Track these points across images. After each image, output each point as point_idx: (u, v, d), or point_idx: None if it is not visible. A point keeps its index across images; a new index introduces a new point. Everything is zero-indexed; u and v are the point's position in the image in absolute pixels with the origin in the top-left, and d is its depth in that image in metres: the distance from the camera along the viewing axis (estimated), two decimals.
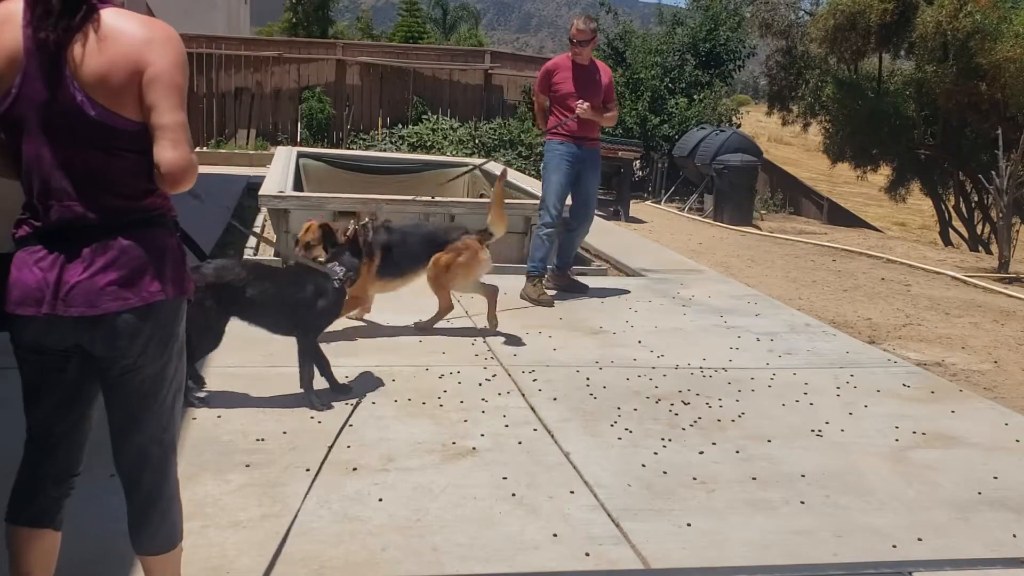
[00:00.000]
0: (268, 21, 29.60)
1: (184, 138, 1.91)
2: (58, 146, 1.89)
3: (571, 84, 6.09)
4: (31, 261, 1.93)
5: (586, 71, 6.18)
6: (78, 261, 1.91)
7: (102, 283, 1.91)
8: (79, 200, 1.92)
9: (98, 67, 1.86)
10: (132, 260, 1.94)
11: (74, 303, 1.90)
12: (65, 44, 1.86)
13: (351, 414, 3.82)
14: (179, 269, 2.04)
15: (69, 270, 1.91)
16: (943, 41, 12.64)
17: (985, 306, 7.03)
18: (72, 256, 1.91)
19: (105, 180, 1.93)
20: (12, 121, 1.90)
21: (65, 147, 1.89)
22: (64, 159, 1.90)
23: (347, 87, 16.86)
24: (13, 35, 1.87)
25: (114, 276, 1.92)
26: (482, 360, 4.71)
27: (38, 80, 1.87)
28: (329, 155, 11.16)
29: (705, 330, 5.57)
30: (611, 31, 16.00)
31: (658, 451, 3.62)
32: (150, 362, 2.01)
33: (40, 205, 1.93)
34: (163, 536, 2.17)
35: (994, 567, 2.89)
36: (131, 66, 1.87)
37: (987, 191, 11.19)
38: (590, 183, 6.26)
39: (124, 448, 2.10)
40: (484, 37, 40.66)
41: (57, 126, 1.89)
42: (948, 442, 3.92)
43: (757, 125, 24.13)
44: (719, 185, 11.85)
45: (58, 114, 1.88)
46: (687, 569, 2.78)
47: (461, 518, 2.97)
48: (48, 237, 1.93)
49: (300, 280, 3.96)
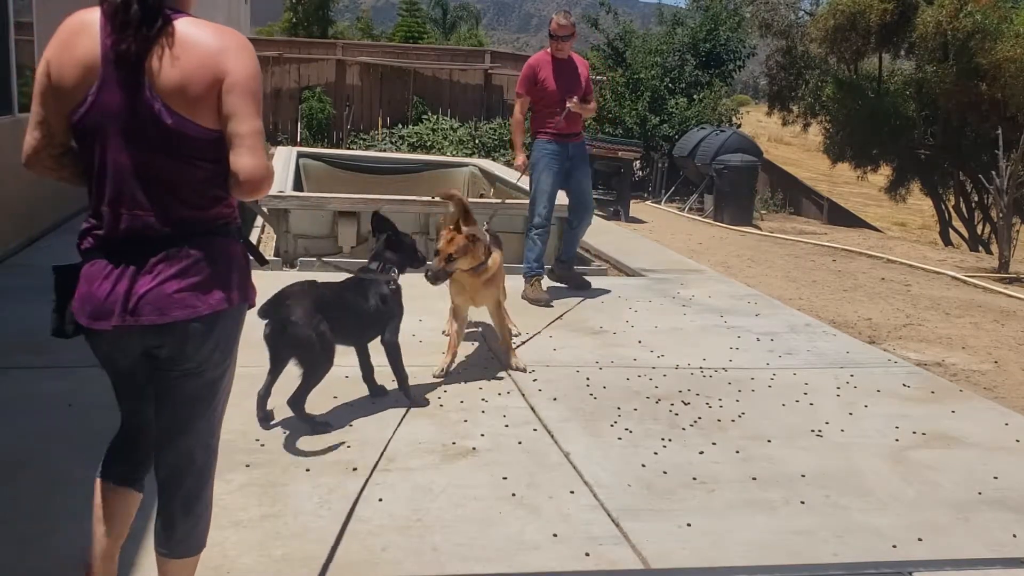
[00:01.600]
0: (268, 21, 29.59)
1: (261, 146, 1.93)
2: (134, 154, 1.91)
3: (553, 81, 6.08)
4: (101, 275, 1.95)
5: (567, 66, 6.18)
6: (147, 270, 1.94)
7: (171, 291, 1.94)
8: (152, 209, 1.94)
9: (176, 76, 1.88)
10: (201, 269, 1.96)
11: (143, 312, 1.93)
12: (144, 54, 1.88)
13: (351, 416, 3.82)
14: (244, 277, 2.08)
15: (139, 281, 1.93)
16: (943, 41, 12.65)
17: (985, 306, 7.04)
18: (141, 266, 1.94)
19: (178, 189, 1.95)
20: (86, 129, 1.93)
21: (141, 155, 1.91)
22: (139, 167, 1.92)
23: (347, 87, 16.87)
24: (90, 45, 1.90)
25: (183, 284, 1.94)
26: (482, 360, 4.71)
27: (116, 89, 1.89)
28: (329, 155, 11.17)
29: (705, 330, 5.57)
30: (611, 31, 16.00)
31: (658, 451, 3.62)
32: (212, 368, 2.06)
33: (110, 213, 1.95)
34: (193, 541, 2.19)
35: (994, 567, 2.89)
36: (209, 75, 1.89)
37: (987, 191, 11.20)
38: (582, 178, 6.25)
39: (170, 450, 2.13)
40: (484, 37, 40.64)
41: (134, 134, 1.90)
42: (948, 442, 3.92)
43: (757, 125, 24.13)
44: (719, 185, 11.85)
45: (136, 123, 1.90)
46: (687, 569, 2.78)
47: (461, 518, 2.97)
48: (116, 246, 1.95)
49: (368, 288, 3.90)
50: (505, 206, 6.89)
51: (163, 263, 1.93)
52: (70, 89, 1.90)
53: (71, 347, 4.56)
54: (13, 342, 4.55)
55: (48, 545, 2.66)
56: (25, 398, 3.82)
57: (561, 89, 6.06)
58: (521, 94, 6.25)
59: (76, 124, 1.93)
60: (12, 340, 4.57)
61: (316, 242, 6.92)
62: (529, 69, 6.19)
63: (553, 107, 6.06)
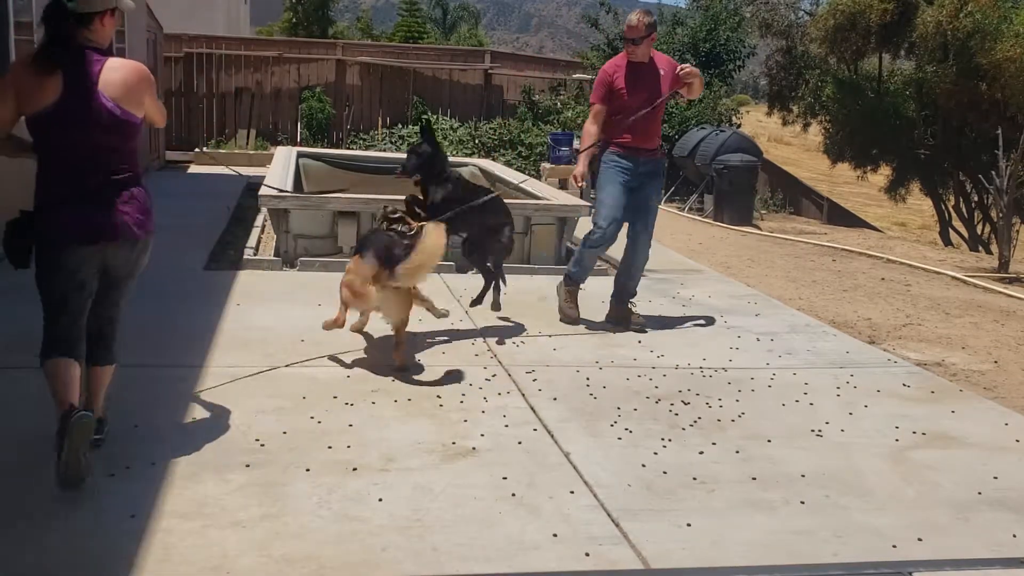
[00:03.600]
0: (268, 21, 29.60)
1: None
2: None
3: (626, 89, 5.35)
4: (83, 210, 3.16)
5: (646, 71, 5.41)
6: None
7: (133, 221, 3.21)
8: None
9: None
10: (145, 209, 3.28)
11: (125, 234, 3.19)
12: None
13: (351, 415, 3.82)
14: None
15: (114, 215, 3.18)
16: (943, 41, 12.65)
17: (985, 306, 7.04)
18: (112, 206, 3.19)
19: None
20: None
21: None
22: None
23: (347, 87, 16.87)
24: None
25: (140, 217, 3.24)
26: (482, 360, 4.71)
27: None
28: (329, 155, 11.17)
29: (705, 330, 5.57)
30: (611, 31, 16.00)
31: (658, 451, 3.62)
32: (140, 268, 3.36)
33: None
34: (112, 355, 3.41)
35: (994, 567, 2.88)
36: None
37: (987, 191, 11.20)
38: (648, 197, 5.57)
39: (105, 312, 3.35)
40: (484, 37, 40.68)
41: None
42: (948, 442, 3.92)
43: (757, 125, 24.14)
44: (719, 185, 11.85)
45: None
46: (687, 569, 2.78)
47: (461, 518, 2.97)
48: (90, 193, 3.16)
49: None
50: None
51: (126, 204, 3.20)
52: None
53: None
54: (13, 342, 4.54)
55: (47, 545, 2.66)
56: (25, 398, 3.81)
57: (636, 98, 5.33)
58: (594, 103, 5.50)
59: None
60: (12, 340, 4.57)
61: (316, 242, 6.92)
62: (604, 75, 5.48)
63: (626, 118, 5.34)
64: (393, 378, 4.31)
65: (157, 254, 3.44)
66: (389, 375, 4.35)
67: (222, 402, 3.86)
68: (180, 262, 6.57)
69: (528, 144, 15.44)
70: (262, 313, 5.31)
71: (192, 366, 4.29)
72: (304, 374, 4.31)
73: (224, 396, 3.93)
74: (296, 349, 4.69)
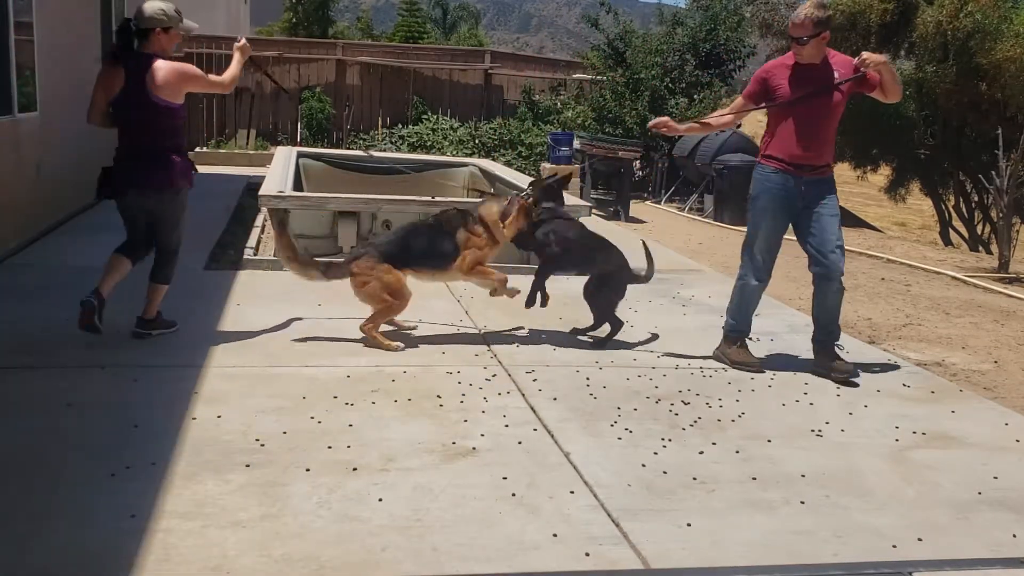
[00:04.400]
0: (268, 21, 29.60)
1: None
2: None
3: (789, 92, 4.58)
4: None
5: (814, 73, 4.56)
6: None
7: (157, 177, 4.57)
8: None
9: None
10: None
11: (149, 186, 4.54)
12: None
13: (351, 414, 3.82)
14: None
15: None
16: (943, 41, 12.63)
17: (985, 306, 7.03)
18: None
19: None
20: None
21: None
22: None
23: (347, 87, 16.85)
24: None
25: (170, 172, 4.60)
26: (482, 360, 4.71)
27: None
28: (329, 155, 11.17)
29: (705, 330, 5.56)
30: (611, 31, 15.99)
31: (658, 451, 3.62)
32: (169, 214, 4.68)
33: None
34: (165, 276, 4.75)
35: (994, 567, 2.89)
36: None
37: (987, 191, 11.19)
38: (820, 219, 4.63)
39: (157, 240, 4.74)
40: (484, 37, 40.66)
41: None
42: (948, 442, 3.92)
43: (757, 125, 24.09)
44: (719, 185, 11.85)
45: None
46: (687, 569, 2.78)
47: (461, 518, 2.97)
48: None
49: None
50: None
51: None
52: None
53: (70, 347, 4.58)
54: (13, 342, 4.55)
55: (47, 545, 2.66)
56: (24, 398, 3.82)
57: (801, 103, 4.55)
58: (742, 97, 4.84)
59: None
60: (12, 340, 4.58)
61: (316, 242, 6.92)
62: (762, 73, 4.74)
63: (786, 125, 4.61)
64: (394, 378, 4.31)
65: None
66: (389, 375, 4.36)
67: (222, 402, 3.86)
68: (180, 262, 6.56)
69: (528, 144, 15.43)
70: (262, 313, 5.31)
71: (192, 366, 4.29)
72: (304, 374, 4.31)
73: (224, 396, 3.93)
74: (296, 349, 4.69)
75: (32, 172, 7.11)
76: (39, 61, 7.22)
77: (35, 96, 7.18)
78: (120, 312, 5.23)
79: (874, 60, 4.45)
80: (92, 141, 8.26)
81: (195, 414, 3.72)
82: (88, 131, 4.90)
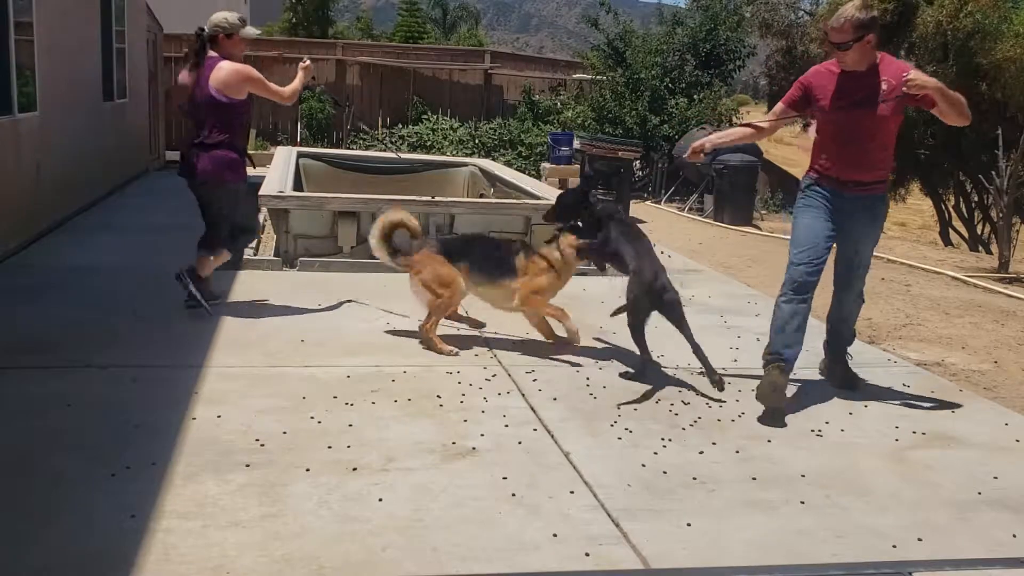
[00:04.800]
0: (268, 21, 29.59)
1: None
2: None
3: (830, 101, 4.21)
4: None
5: (861, 81, 4.13)
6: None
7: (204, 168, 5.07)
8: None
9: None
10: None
11: (197, 175, 5.09)
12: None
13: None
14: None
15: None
16: (943, 41, 12.64)
17: (985, 306, 7.03)
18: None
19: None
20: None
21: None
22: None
23: (347, 87, 16.86)
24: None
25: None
26: (482, 360, 4.71)
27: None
28: (329, 155, 11.17)
29: (705, 330, 5.56)
30: (611, 31, 16.00)
31: (658, 451, 3.62)
32: (215, 200, 5.18)
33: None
34: (203, 249, 5.34)
35: (994, 567, 2.88)
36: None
37: (987, 191, 11.19)
38: (855, 240, 4.32)
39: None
40: (484, 37, 40.68)
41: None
42: (948, 442, 3.92)
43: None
44: (719, 185, 11.85)
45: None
46: (687, 569, 2.77)
47: (461, 518, 2.97)
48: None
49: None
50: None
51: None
52: None
53: (71, 347, 4.58)
54: (13, 342, 4.55)
55: (48, 544, 2.66)
56: (25, 398, 3.82)
57: (841, 113, 4.18)
58: (783, 102, 4.50)
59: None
60: (12, 340, 4.58)
61: (316, 242, 6.92)
62: (805, 78, 4.37)
63: (828, 136, 4.31)
64: (394, 378, 4.31)
65: (157, 254, 3.44)
66: (389, 375, 4.36)
67: (222, 402, 3.86)
68: (180, 262, 6.56)
69: (528, 144, 15.44)
70: (262, 313, 5.31)
71: (192, 366, 4.29)
72: (304, 374, 4.31)
73: (224, 396, 3.93)
74: (296, 349, 4.69)
75: (32, 172, 7.11)
76: (39, 61, 7.22)
77: (35, 96, 7.18)
78: (120, 312, 5.23)
79: (919, 84, 3.96)
80: (92, 141, 8.24)
81: (195, 414, 3.72)
82: (88, 131, 4.91)
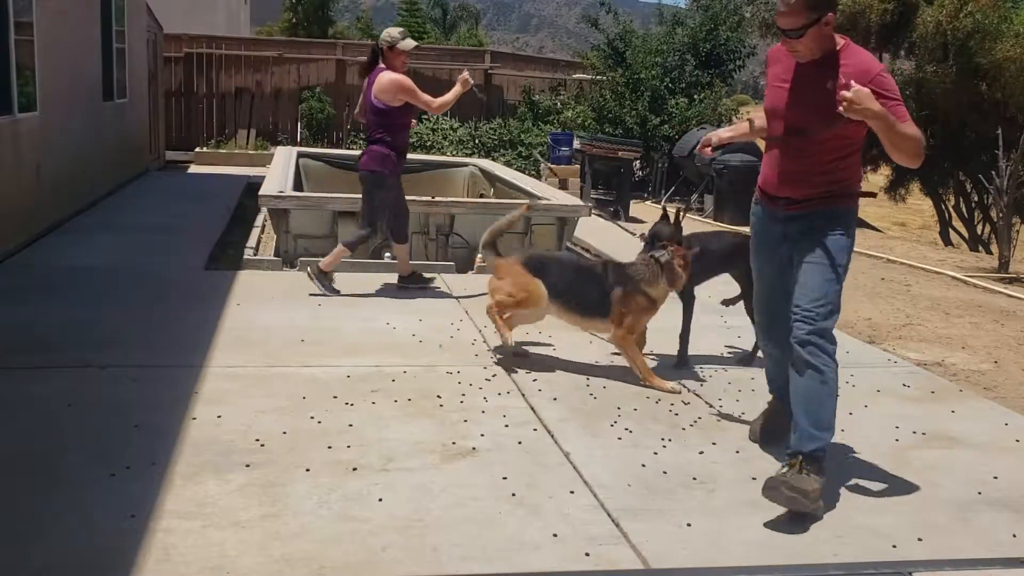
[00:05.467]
0: (268, 21, 29.62)
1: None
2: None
3: (773, 95, 3.41)
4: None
5: (811, 77, 3.25)
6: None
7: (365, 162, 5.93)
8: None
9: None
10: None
11: (361, 168, 5.98)
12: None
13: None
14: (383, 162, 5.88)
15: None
16: (943, 41, 12.63)
17: (985, 306, 7.04)
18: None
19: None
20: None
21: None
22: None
23: (347, 87, 16.86)
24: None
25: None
26: (482, 360, 4.71)
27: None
28: (329, 155, 11.17)
29: (705, 330, 5.56)
30: (611, 31, 16.00)
31: (658, 451, 3.62)
32: (371, 193, 5.95)
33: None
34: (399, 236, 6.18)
35: (994, 567, 2.88)
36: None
37: (987, 191, 11.19)
38: (801, 269, 3.50)
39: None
40: (484, 37, 40.69)
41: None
42: (948, 442, 3.92)
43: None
44: (719, 185, 11.86)
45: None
46: (687, 569, 2.78)
47: (461, 518, 2.96)
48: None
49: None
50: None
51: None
52: None
53: (71, 347, 4.58)
54: (13, 342, 4.55)
55: (48, 544, 2.66)
56: (25, 398, 3.82)
57: (780, 111, 3.38)
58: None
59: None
60: (12, 340, 4.57)
61: (316, 242, 6.92)
62: (769, 55, 3.54)
63: (769, 143, 3.57)
64: (394, 378, 4.31)
65: (157, 254, 3.44)
66: (389, 375, 4.36)
67: (222, 402, 3.86)
68: (180, 262, 6.58)
69: (528, 144, 15.43)
70: (262, 313, 5.31)
71: (192, 366, 4.29)
72: (304, 374, 4.31)
73: (224, 396, 3.93)
74: (296, 349, 4.69)
75: (32, 172, 7.11)
76: (39, 61, 7.22)
77: (35, 96, 7.18)
78: (120, 312, 5.22)
79: (855, 107, 2.97)
80: (92, 141, 8.24)
81: (195, 414, 3.72)
82: (88, 131, 4.89)
